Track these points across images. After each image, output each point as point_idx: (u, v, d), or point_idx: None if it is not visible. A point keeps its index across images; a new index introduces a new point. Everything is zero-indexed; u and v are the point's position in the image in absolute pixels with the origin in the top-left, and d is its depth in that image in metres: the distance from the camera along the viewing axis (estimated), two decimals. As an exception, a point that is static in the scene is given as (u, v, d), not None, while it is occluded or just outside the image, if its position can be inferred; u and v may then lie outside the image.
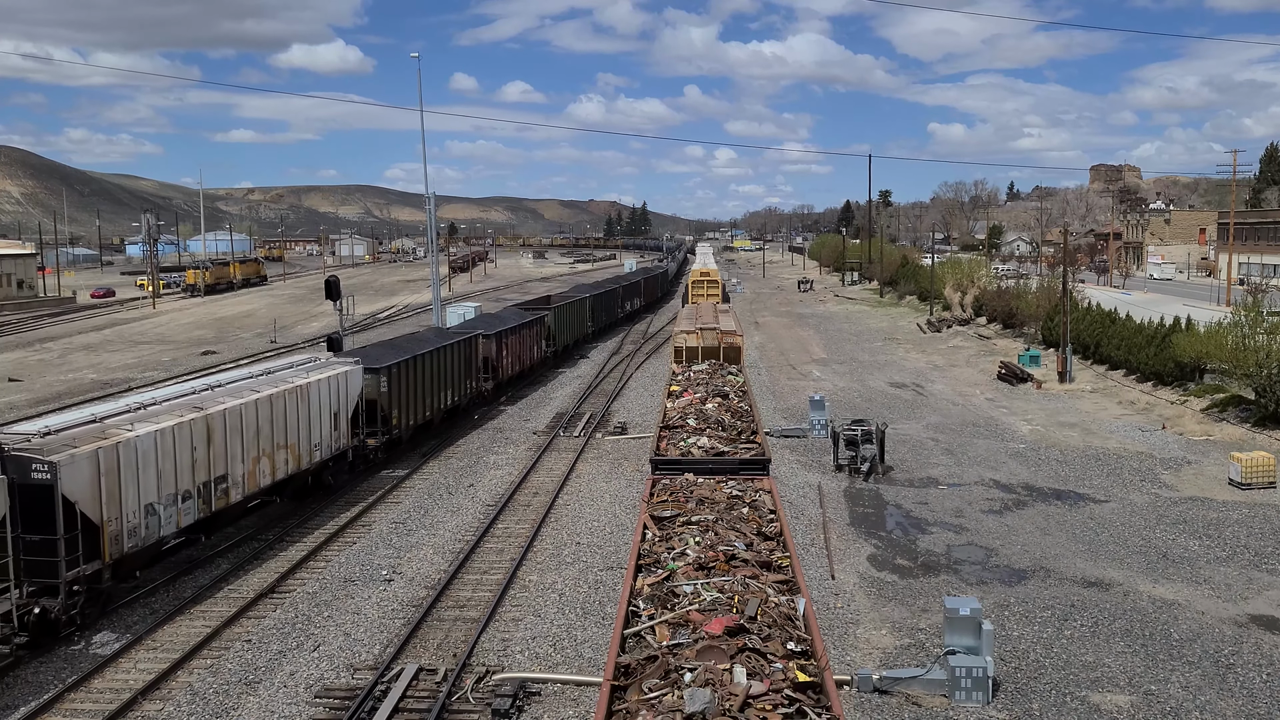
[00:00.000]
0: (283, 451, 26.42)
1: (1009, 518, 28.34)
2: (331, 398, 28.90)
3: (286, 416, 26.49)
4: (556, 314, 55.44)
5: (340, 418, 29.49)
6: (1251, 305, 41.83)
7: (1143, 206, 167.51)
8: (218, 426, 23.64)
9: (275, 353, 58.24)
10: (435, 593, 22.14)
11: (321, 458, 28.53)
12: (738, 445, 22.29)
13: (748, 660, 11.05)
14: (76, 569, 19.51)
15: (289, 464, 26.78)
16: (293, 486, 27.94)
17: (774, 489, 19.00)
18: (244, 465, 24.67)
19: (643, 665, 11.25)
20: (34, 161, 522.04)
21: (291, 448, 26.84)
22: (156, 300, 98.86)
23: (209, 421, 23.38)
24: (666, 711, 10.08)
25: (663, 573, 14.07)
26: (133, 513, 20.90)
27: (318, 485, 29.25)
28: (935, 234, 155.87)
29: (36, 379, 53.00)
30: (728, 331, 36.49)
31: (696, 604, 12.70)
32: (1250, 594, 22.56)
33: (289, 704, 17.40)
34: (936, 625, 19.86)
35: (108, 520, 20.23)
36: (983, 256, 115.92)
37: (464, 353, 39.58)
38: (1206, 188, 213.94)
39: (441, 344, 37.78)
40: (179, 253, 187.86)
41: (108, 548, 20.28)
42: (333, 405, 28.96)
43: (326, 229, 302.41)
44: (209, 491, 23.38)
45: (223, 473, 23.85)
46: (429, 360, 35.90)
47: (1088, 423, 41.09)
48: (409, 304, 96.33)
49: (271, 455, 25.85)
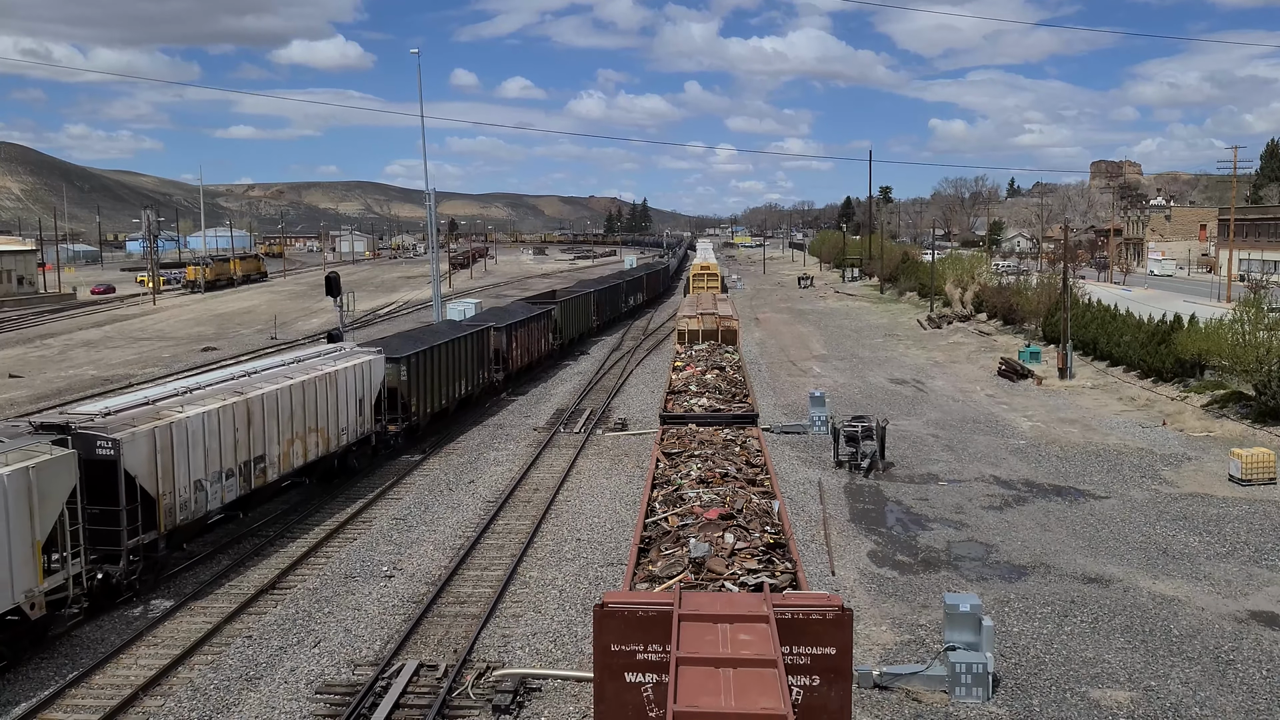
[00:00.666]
0: (314, 434, 28.07)
1: (1009, 514, 28.35)
2: (357, 385, 30.50)
3: (317, 402, 28.12)
4: (563, 308, 56.73)
5: (365, 404, 31.10)
6: (1252, 302, 41.83)
7: (1143, 203, 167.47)
8: (257, 410, 25.25)
9: (277, 348, 58.27)
10: (436, 589, 22.16)
11: (347, 441, 30.10)
12: (731, 405, 25.60)
13: (735, 531, 14.91)
14: (136, 538, 21.13)
15: (319, 446, 28.38)
16: (321, 468, 29.35)
17: (760, 435, 21.94)
18: (279, 446, 26.31)
19: (659, 538, 14.92)
20: (34, 158, 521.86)
21: (321, 431, 28.49)
22: (157, 297, 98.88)
23: (249, 405, 24.97)
24: (676, 559, 13.81)
25: (672, 487, 17.49)
26: (184, 488, 22.60)
27: (343, 468, 30.70)
28: (936, 230, 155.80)
29: (37, 375, 53.02)
30: (725, 317, 40.48)
31: (699, 503, 16.31)
32: (1250, 590, 22.58)
33: (290, 700, 17.42)
34: (937, 621, 19.88)
35: (163, 494, 21.87)
36: (983, 253, 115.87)
37: (477, 344, 41.11)
38: (1207, 184, 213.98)
39: (456, 336, 39.32)
40: (179, 249, 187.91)
41: (163, 519, 21.93)
42: (358, 392, 30.57)
43: (327, 225, 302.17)
44: (249, 470, 25.01)
45: (261, 453, 25.48)
46: (445, 351, 37.40)
47: (1088, 419, 41.10)
48: (409, 300, 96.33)
49: (304, 438, 27.49)
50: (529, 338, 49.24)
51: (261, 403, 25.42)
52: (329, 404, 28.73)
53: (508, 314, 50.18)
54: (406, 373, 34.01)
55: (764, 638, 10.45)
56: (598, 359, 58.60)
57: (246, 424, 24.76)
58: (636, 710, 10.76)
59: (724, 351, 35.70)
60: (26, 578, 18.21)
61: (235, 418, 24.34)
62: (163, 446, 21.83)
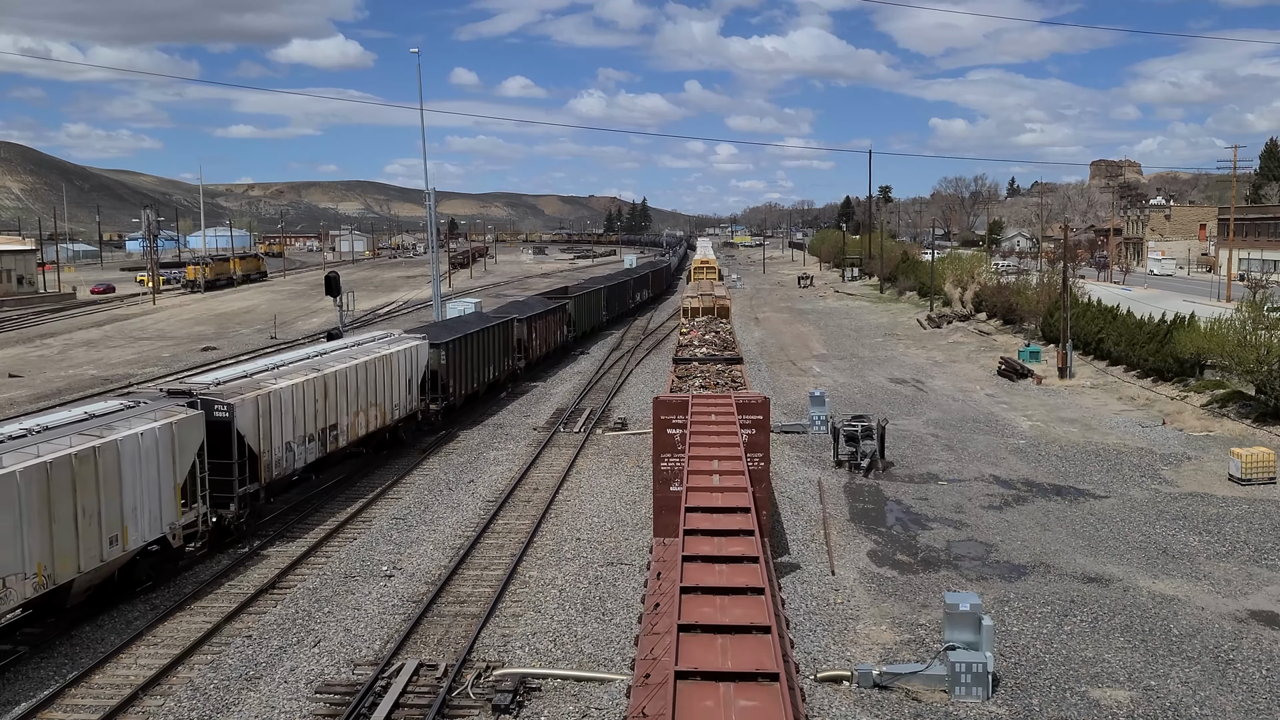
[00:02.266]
0: (373, 409, 31.96)
1: (1009, 513, 28.34)
2: (407, 367, 34.34)
3: (377, 380, 32.02)
4: (576, 303, 61.27)
5: (412, 384, 34.86)
6: (1255, 301, 41.83)
7: (1143, 202, 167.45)
8: (331, 385, 29.10)
9: (276, 347, 58.25)
10: (436, 588, 22.15)
11: (399, 417, 33.96)
12: (723, 352, 36.13)
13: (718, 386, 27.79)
14: (243, 488, 25.00)
15: (377, 420, 32.21)
16: (376, 440, 33.03)
17: (743, 369, 32.44)
18: (348, 417, 30.19)
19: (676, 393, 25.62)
20: (34, 157, 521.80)
21: (379, 406, 32.36)
22: (156, 296, 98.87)
23: (325, 381, 28.80)
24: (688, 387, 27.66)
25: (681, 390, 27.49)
26: (279, 447, 26.45)
27: (394, 440, 34.52)
28: (935, 229, 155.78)
29: (37, 375, 53.01)
30: (719, 297, 52.55)
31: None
32: (1250, 589, 22.57)
33: (289, 699, 17.42)
34: (936, 621, 19.88)
35: (264, 451, 25.70)
36: (983, 252, 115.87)
37: (503, 334, 45.34)
38: (1207, 183, 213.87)
39: (486, 326, 43.46)
40: (179, 248, 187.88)
41: (264, 473, 25.80)
42: (407, 373, 34.39)
43: (326, 225, 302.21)
44: (325, 436, 28.87)
45: (334, 422, 29.38)
46: (478, 339, 41.55)
47: (1088, 418, 41.09)
48: (409, 300, 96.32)
49: (366, 411, 31.43)
50: (547, 329, 53.08)
51: (335, 379, 29.34)
52: (385, 383, 32.63)
53: (527, 307, 53.79)
54: (446, 357, 37.59)
55: (729, 409, 22.16)
56: (597, 359, 58.61)
57: (324, 396, 28.68)
58: (671, 444, 21.73)
59: (719, 322, 45.77)
60: (170, 512, 22.18)
61: (315, 391, 28.21)
62: (263, 412, 25.65)
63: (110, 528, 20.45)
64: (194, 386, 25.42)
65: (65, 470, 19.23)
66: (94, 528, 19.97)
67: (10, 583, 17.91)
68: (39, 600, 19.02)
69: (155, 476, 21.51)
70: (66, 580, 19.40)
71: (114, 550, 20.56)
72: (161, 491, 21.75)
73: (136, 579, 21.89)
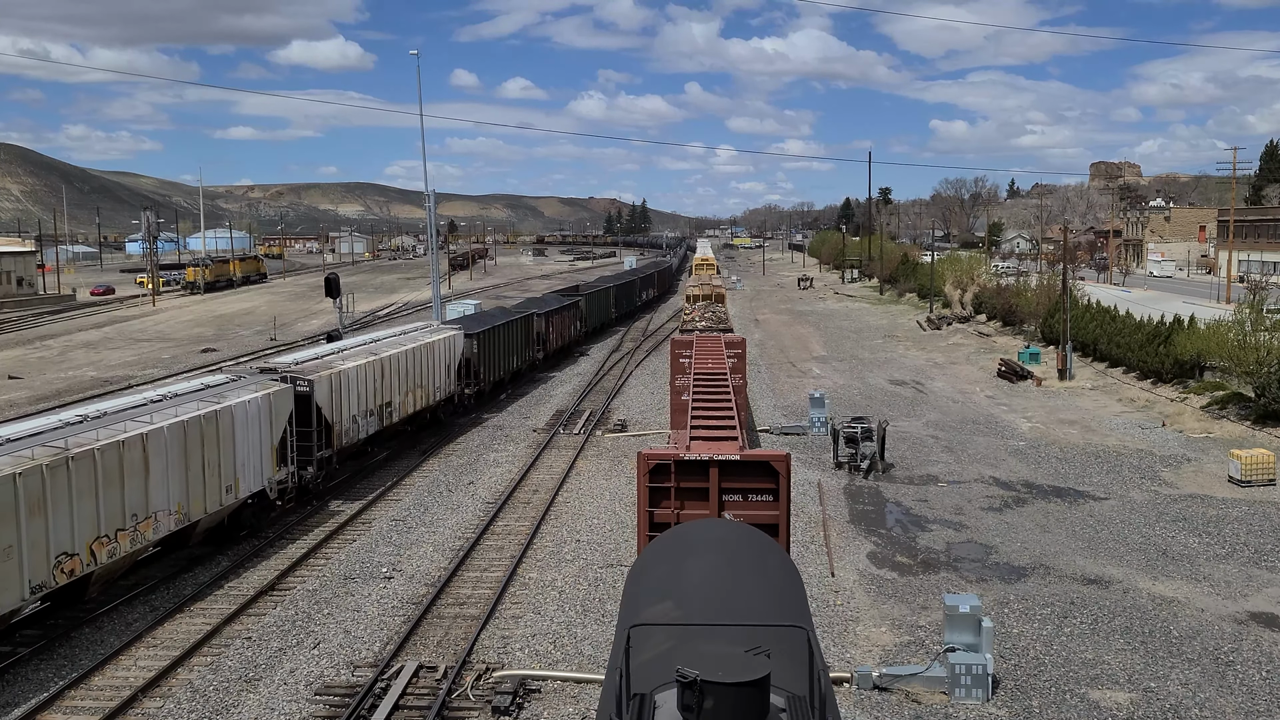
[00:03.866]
0: (420, 390, 35.77)
1: (1009, 515, 28.34)
2: (446, 353, 38.35)
3: (422, 365, 35.92)
4: (587, 300, 66.06)
5: (450, 369, 38.82)
6: (1254, 303, 41.83)
7: (1143, 204, 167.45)
8: (387, 367, 33.00)
9: (276, 348, 58.24)
10: (435, 590, 22.14)
11: (439, 398, 37.76)
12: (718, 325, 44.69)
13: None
14: (321, 452, 28.78)
15: (422, 400, 36.03)
16: (419, 419, 36.66)
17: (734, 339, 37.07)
18: (400, 396, 34.01)
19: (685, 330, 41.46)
20: (34, 158, 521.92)
21: (424, 388, 36.25)
22: (156, 298, 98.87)
23: (382, 363, 32.70)
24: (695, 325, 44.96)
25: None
26: (348, 419, 30.31)
27: (434, 420, 38.09)
28: (935, 231, 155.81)
29: (36, 376, 53.01)
30: (716, 286, 63.95)
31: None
32: (1250, 591, 22.57)
33: (289, 701, 17.41)
34: (936, 622, 19.88)
35: (336, 422, 29.56)
36: (983, 254, 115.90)
37: (525, 327, 49.62)
38: (1207, 185, 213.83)
39: (510, 319, 47.74)
40: (178, 250, 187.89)
41: (336, 441, 29.66)
42: (446, 359, 38.41)
43: (326, 226, 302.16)
44: (381, 412, 32.66)
45: (389, 400, 33.13)
46: (504, 330, 45.76)
47: (1087, 420, 41.10)
48: (408, 301, 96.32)
49: (414, 392, 35.21)
50: (562, 324, 57.49)
51: (390, 362, 33.20)
52: (429, 367, 36.54)
53: (545, 303, 58.20)
54: (477, 347, 41.57)
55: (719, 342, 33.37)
56: (597, 360, 58.62)
57: (381, 377, 32.43)
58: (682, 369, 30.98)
59: (716, 306, 54.27)
60: (268, 469, 25.99)
61: (374, 372, 31.98)
62: (335, 388, 29.48)
63: (226, 478, 24.23)
64: (278, 365, 29.63)
65: (197, 429, 23.15)
66: (215, 477, 23.78)
67: (160, 517, 21.90)
68: (173, 535, 22.77)
69: (257, 438, 25.47)
70: (195, 520, 23.22)
71: (228, 497, 24.36)
72: (262, 451, 25.71)
73: (241, 524, 25.48)
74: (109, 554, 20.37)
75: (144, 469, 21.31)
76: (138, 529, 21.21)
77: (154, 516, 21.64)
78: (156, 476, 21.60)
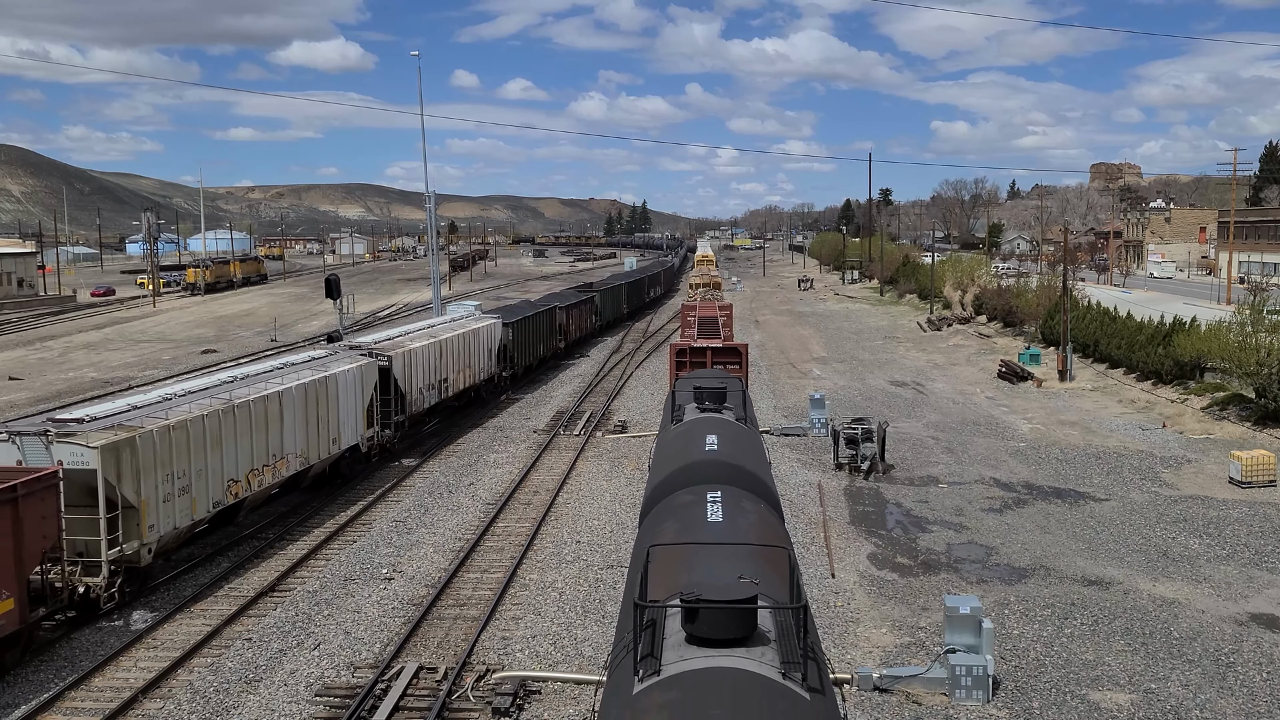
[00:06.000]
0: (469, 369, 40.97)
1: (1009, 516, 28.33)
2: (489, 339, 43.69)
3: (471, 347, 41.14)
4: (602, 295, 71.53)
5: (491, 353, 43.93)
6: (1255, 304, 41.81)
7: (1143, 205, 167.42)
8: (445, 348, 38.12)
9: (275, 349, 58.24)
10: (436, 591, 22.14)
11: (482, 378, 42.79)
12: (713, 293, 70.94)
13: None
14: (398, 416, 33.98)
15: (470, 378, 41.16)
16: (466, 396, 41.54)
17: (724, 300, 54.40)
18: (454, 374, 39.17)
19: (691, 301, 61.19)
20: (34, 160, 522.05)
21: (472, 368, 41.41)
22: (157, 299, 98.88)
23: (441, 344, 37.73)
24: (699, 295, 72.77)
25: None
26: (416, 390, 35.33)
27: (477, 398, 43.05)
28: (935, 232, 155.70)
29: (37, 377, 53.00)
30: (714, 276, 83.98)
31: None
32: (1250, 592, 22.56)
33: (289, 702, 17.40)
34: (937, 624, 19.87)
35: (408, 392, 34.65)
36: (983, 255, 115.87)
37: (550, 318, 54.93)
38: (1207, 185, 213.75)
39: (537, 311, 53.23)
40: (179, 251, 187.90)
41: (409, 408, 34.86)
42: (489, 344, 43.64)
43: (327, 227, 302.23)
44: (440, 386, 37.75)
45: (445, 377, 38.22)
46: (533, 321, 51.23)
47: (1088, 421, 41.08)
48: (409, 302, 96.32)
49: (464, 371, 40.39)
50: (580, 317, 63.08)
51: (447, 344, 38.37)
52: (475, 350, 41.59)
53: (564, 298, 63.85)
54: (513, 334, 46.78)
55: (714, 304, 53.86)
56: (598, 360, 58.62)
57: (439, 356, 37.43)
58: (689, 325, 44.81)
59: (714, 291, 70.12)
60: (361, 427, 31.25)
61: (435, 351, 37.03)
62: (408, 363, 34.53)
63: (332, 432, 29.33)
64: (362, 343, 34.93)
65: (314, 390, 28.18)
66: (325, 430, 28.85)
67: (290, 459, 26.99)
68: (293, 477, 27.52)
69: (353, 401, 30.53)
70: (312, 464, 28.26)
71: (334, 448, 29.46)
72: (356, 412, 30.79)
73: (340, 472, 30.60)
74: (259, 483, 25.67)
75: (280, 419, 26.49)
76: (275, 466, 26.42)
77: (285, 458, 26.82)
78: (288, 426, 26.82)
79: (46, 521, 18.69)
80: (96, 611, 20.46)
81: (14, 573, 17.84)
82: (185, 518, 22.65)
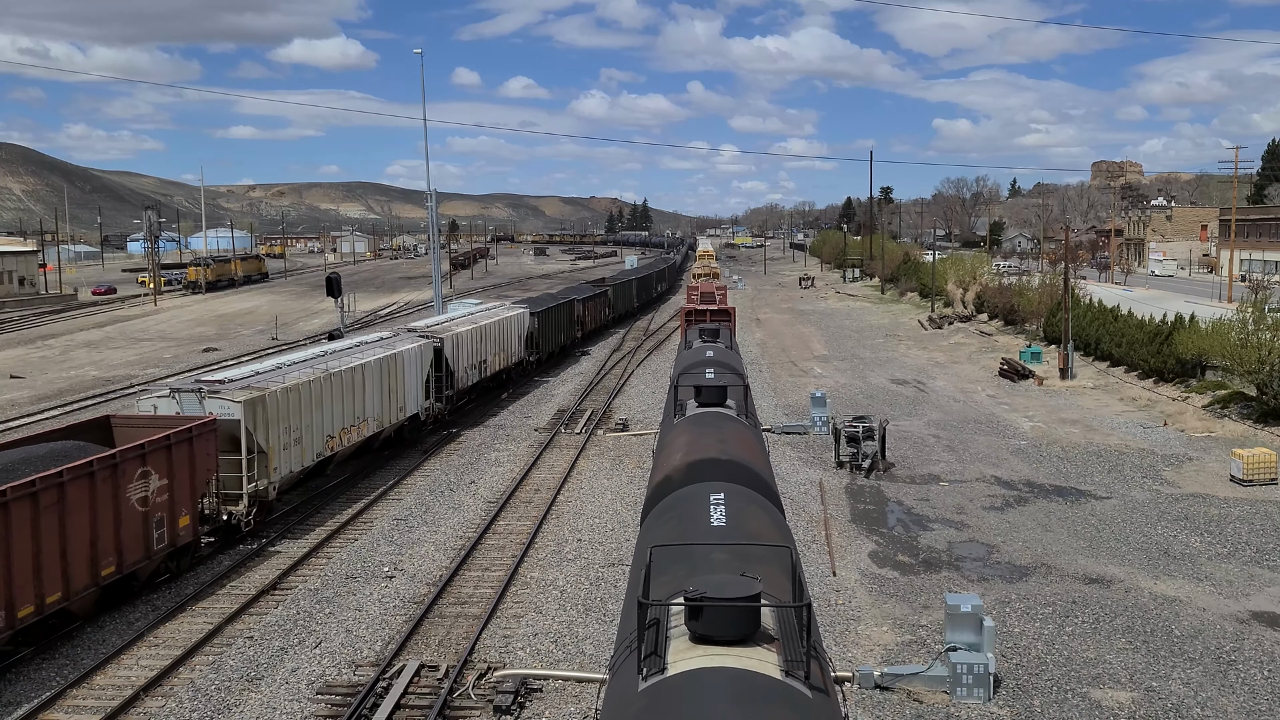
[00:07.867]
0: (503, 353, 45.51)
1: (1010, 514, 28.33)
2: (519, 326, 48.28)
3: (505, 333, 45.69)
4: (614, 290, 75.82)
5: (520, 339, 48.29)
6: (1256, 302, 41.80)
7: (1144, 203, 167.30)
8: (484, 333, 42.57)
9: (275, 348, 58.26)
10: (437, 589, 22.15)
11: (514, 361, 47.29)
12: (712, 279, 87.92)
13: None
14: (447, 392, 38.42)
15: (503, 361, 45.59)
16: (500, 378, 45.81)
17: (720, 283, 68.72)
18: (491, 356, 43.59)
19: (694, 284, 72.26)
20: (35, 158, 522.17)
21: (505, 352, 45.84)
22: (158, 297, 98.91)
23: (481, 330, 42.25)
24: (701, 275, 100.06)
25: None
26: (462, 369, 39.87)
27: (507, 380, 47.15)
28: (936, 230, 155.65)
29: (38, 376, 53.03)
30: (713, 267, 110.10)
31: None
32: (1252, 590, 22.56)
33: (291, 700, 17.42)
34: (938, 622, 19.87)
35: (456, 369, 39.11)
36: (984, 253, 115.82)
37: (569, 310, 59.39)
38: (1209, 184, 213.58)
39: (558, 302, 57.61)
40: (180, 250, 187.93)
41: (457, 385, 39.40)
42: (519, 330, 48.22)
43: (328, 226, 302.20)
44: (480, 367, 42.23)
45: (484, 359, 42.74)
46: (556, 311, 55.82)
47: (1089, 419, 41.08)
48: (410, 301, 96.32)
49: (499, 354, 44.86)
50: (595, 309, 68.04)
51: (487, 329, 43.01)
52: (508, 335, 46.02)
53: (580, 291, 68.38)
54: (538, 323, 51.40)
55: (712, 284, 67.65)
56: (598, 359, 58.64)
57: (481, 340, 42.02)
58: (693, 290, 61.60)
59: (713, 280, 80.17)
60: (421, 399, 35.82)
61: (477, 336, 41.50)
62: (455, 345, 38.97)
63: (398, 401, 33.74)
64: (417, 328, 40.06)
65: (385, 365, 32.62)
66: (394, 399, 33.41)
67: (369, 422, 31.24)
68: (369, 439, 31.77)
69: (415, 376, 35.06)
70: (384, 428, 32.66)
71: (400, 415, 33.98)
72: (417, 385, 35.37)
73: (403, 438, 34.97)
74: (347, 440, 30.07)
75: (363, 388, 30.89)
76: (359, 427, 30.80)
77: (366, 420, 31.18)
78: (369, 394, 31.24)
79: (209, 458, 23.58)
80: (234, 536, 25.17)
81: (190, 496, 22.77)
82: (298, 464, 27.29)
